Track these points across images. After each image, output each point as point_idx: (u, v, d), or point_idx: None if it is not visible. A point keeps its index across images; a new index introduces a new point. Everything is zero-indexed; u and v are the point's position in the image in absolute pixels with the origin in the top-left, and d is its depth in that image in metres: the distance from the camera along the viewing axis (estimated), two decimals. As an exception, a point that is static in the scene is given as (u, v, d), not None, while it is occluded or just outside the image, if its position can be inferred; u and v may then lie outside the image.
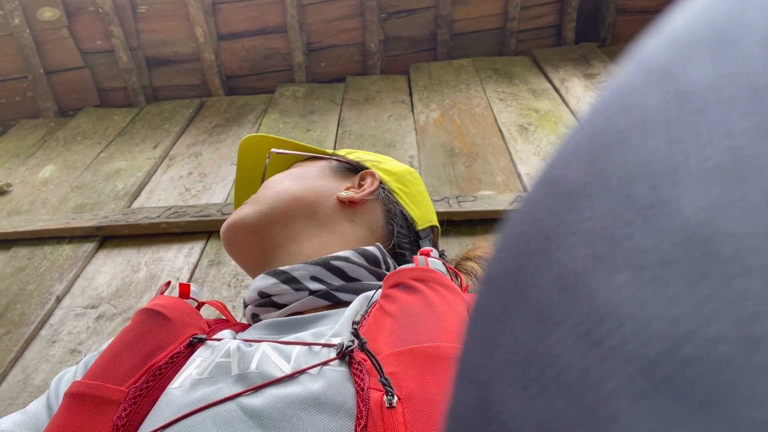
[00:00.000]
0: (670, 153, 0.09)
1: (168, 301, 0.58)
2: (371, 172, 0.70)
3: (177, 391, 0.46)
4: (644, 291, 0.09)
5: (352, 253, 0.60)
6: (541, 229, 0.11)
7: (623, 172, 0.09)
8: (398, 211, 0.69)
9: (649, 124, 0.10)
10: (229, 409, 0.42)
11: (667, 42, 0.11)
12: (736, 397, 0.08)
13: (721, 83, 0.09)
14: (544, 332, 0.10)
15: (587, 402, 0.09)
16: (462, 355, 0.12)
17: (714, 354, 0.08)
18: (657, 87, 0.10)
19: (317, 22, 1.99)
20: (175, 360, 0.51)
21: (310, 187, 0.67)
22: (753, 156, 0.08)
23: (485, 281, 0.12)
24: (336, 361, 0.45)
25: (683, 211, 0.08)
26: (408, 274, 0.52)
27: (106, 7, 1.87)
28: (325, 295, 0.57)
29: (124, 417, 0.44)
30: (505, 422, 0.10)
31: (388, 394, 0.39)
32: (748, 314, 0.08)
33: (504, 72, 1.95)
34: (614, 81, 0.11)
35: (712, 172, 0.08)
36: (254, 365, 0.46)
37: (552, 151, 0.12)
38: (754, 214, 0.08)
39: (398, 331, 0.45)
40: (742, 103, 0.09)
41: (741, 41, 0.09)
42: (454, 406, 0.11)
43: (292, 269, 0.59)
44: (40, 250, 1.28)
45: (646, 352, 0.08)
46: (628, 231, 0.09)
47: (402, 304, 0.48)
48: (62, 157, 1.72)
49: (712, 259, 0.08)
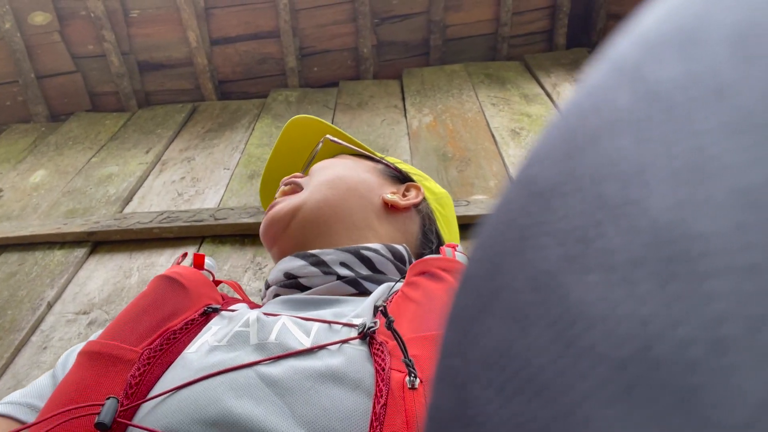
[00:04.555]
0: (638, 152, 0.09)
1: (185, 270, 0.58)
2: (417, 186, 0.71)
3: (194, 356, 0.45)
4: (614, 291, 0.09)
5: (381, 247, 0.61)
6: (516, 229, 0.11)
7: (594, 171, 0.09)
8: (434, 229, 0.70)
9: (618, 123, 0.10)
10: (247, 375, 0.41)
11: (636, 41, 0.11)
12: (706, 401, 0.07)
13: (688, 82, 0.09)
14: (519, 333, 0.10)
15: (561, 404, 0.09)
16: (440, 356, 0.12)
17: (683, 356, 0.08)
18: (626, 86, 0.10)
19: (310, 27, 1.99)
20: (190, 327, 0.50)
21: (363, 180, 0.68)
22: (718, 155, 0.08)
23: (463, 281, 0.12)
24: (357, 341, 0.44)
25: (652, 211, 0.08)
26: (435, 263, 0.52)
27: (98, 11, 1.87)
28: (352, 282, 0.57)
29: (138, 376, 0.44)
30: (481, 424, 0.10)
31: (411, 375, 0.39)
32: (716, 316, 0.08)
33: (496, 77, 1.95)
34: (587, 80, 0.11)
35: (679, 172, 0.08)
36: (274, 336, 0.45)
37: (529, 150, 0.12)
38: (720, 214, 0.08)
39: (421, 317, 0.45)
40: (707, 102, 0.09)
41: (707, 40, 0.09)
42: (432, 408, 0.11)
43: (322, 253, 0.59)
44: (31, 256, 1.27)
45: (617, 354, 0.08)
46: (598, 231, 0.09)
47: (427, 291, 0.48)
48: (53, 162, 1.71)
49: (680, 260, 0.08)
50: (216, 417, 0.38)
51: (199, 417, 0.39)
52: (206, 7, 1.94)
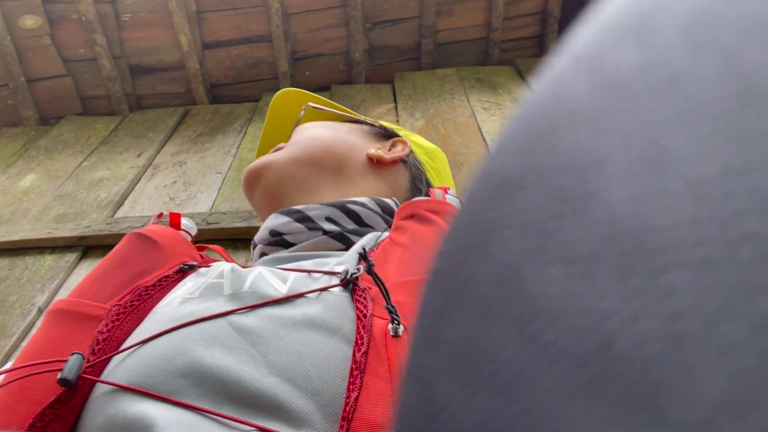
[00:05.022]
0: (596, 143, 0.09)
1: (160, 229, 0.55)
2: (403, 140, 0.70)
3: (165, 309, 0.43)
4: (575, 286, 0.08)
5: (369, 200, 0.59)
6: (481, 222, 0.10)
7: (554, 162, 0.09)
8: (424, 180, 0.68)
9: (577, 113, 0.10)
10: (219, 325, 0.39)
11: (595, 29, 0.11)
12: (666, 398, 0.07)
13: (644, 71, 0.09)
14: (483, 328, 0.10)
15: (524, 400, 0.09)
16: (409, 351, 0.12)
17: (642, 352, 0.08)
18: (584, 75, 0.10)
19: (302, 32, 1.99)
20: (164, 283, 0.48)
21: (342, 139, 0.67)
22: (673, 146, 0.08)
23: (431, 275, 0.12)
24: (338, 288, 0.42)
25: (609, 203, 0.08)
26: (423, 205, 0.50)
27: (90, 15, 1.86)
28: (339, 237, 0.55)
29: (105, 332, 0.42)
30: (446, 421, 0.10)
31: (394, 322, 0.37)
32: (675, 311, 0.08)
33: (488, 81, 1.96)
34: (548, 70, 0.11)
35: (635, 163, 0.08)
36: (248, 285, 0.43)
37: (494, 142, 0.12)
38: (676, 207, 0.08)
39: (408, 261, 0.43)
40: (662, 92, 0.09)
41: (661, 27, 0.09)
42: (400, 404, 0.11)
43: (307, 209, 0.57)
44: (21, 261, 1.26)
45: (577, 350, 0.08)
46: (558, 223, 0.09)
47: (414, 234, 0.46)
48: (44, 166, 1.70)
49: (637, 253, 0.08)
50: (184, 368, 0.36)
51: (166, 368, 0.37)
52: (198, 10, 1.93)
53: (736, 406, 0.07)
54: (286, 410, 0.34)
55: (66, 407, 0.37)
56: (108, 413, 0.36)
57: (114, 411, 0.36)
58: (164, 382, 0.36)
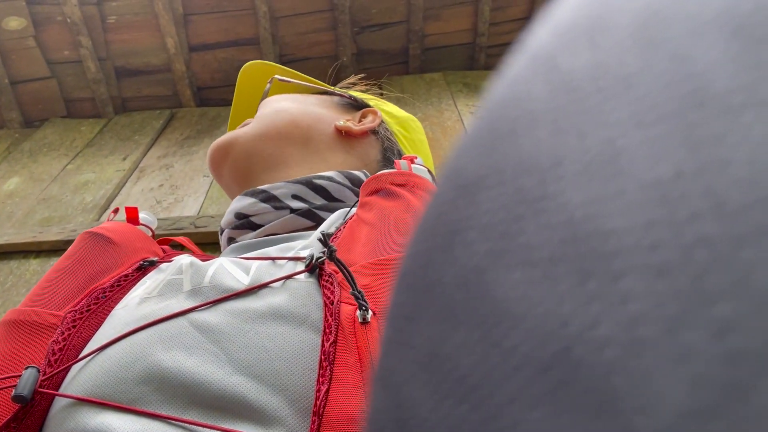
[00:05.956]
0: (554, 144, 0.09)
1: (115, 225, 0.52)
2: (373, 110, 0.67)
3: (122, 311, 0.41)
4: (536, 289, 0.08)
5: (336, 174, 0.57)
6: (446, 224, 0.10)
7: (515, 164, 0.09)
8: (396, 150, 0.66)
9: (535, 114, 0.10)
10: (178, 324, 0.37)
11: (551, 29, 0.11)
12: (627, 405, 0.07)
13: (598, 72, 0.09)
14: (449, 332, 0.09)
15: (489, 406, 0.08)
16: (378, 356, 0.12)
17: (602, 358, 0.07)
18: (542, 76, 0.10)
19: (290, 35, 1.99)
20: (122, 283, 0.45)
21: (308, 112, 0.64)
22: (627, 148, 0.08)
23: (399, 278, 0.12)
24: (304, 274, 0.40)
25: (568, 206, 0.08)
26: (388, 178, 0.48)
27: (75, 17, 1.85)
28: (307, 214, 0.53)
29: (61, 341, 0.39)
30: (414, 428, 0.10)
31: (362, 309, 0.35)
32: (633, 316, 0.07)
33: (474, 86, 1.97)
34: (508, 69, 0.11)
35: (592, 165, 0.08)
36: (208, 279, 0.41)
37: (458, 142, 0.12)
38: (631, 210, 0.08)
39: (376, 240, 0.41)
40: (616, 92, 0.09)
41: (613, 27, 0.09)
42: (370, 410, 0.11)
43: (272, 188, 0.55)
44: (6, 265, 1.24)
45: (540, 355, 0.08)
46: (520, 226, 0.09)
47: (381, 210, 0.44)
48: (28, 169, 1.68)
49: (595, 257, 0.08)
50: (144, 374, 0.35)
51: (125, 375, 0.35)
52: (185, 13, 1.92)
53: (696, 414, 0.07)
54: (255, 409, 0.33)
55: (24, 425, 0.36)
56: (68, 428, 0.34)
57: (74, 425, 0.34)
58: (124, 391, 0.34)
